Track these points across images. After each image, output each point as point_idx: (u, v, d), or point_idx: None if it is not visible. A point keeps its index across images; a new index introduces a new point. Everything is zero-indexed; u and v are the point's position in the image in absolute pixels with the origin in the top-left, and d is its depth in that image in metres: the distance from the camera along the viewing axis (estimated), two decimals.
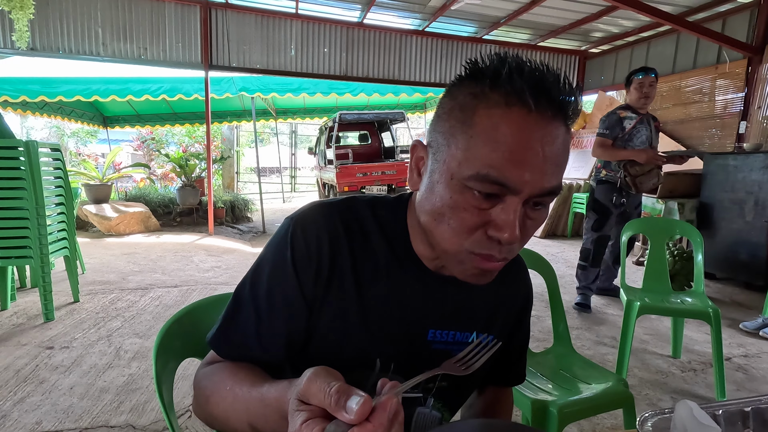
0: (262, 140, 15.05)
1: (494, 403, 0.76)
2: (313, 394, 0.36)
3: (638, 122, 2.87)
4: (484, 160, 0.45)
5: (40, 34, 4.73)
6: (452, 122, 0.48)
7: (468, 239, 0.49)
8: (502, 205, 0.46)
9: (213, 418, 0.53)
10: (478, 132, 0.46)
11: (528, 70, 0.45)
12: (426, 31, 6.06)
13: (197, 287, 3.46)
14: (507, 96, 0.45)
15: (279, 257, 0.56)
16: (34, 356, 2.17)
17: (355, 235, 0.58)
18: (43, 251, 2.53)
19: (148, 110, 8.32)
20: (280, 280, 0.55)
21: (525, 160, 0.45)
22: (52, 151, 2.74)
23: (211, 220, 5.98)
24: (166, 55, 5.20)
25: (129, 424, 1.66)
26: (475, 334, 0.63)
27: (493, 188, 0.46)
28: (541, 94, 0.45)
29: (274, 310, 0.55)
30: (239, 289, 0.58)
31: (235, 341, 0.56)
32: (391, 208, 0.61)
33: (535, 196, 0.47)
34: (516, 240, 0.47)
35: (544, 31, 6.04)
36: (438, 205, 0.49)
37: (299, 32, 5.65)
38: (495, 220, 0.47)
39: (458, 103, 0.48)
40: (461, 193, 0.47)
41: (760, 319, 2.75)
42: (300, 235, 0.56)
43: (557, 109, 0.46)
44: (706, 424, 0.47)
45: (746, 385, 2.08)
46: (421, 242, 0.58)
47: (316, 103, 8.86)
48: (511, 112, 0.45)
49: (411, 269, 0.59)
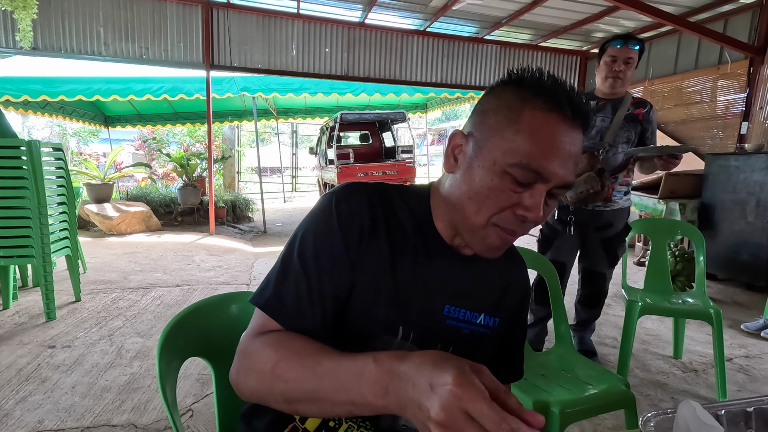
0: (263, 140, 15.05)
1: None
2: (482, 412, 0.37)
3: (598, 109, 2.07)
4: (527, 152, 0.55)
5: (42, 33, 4.73)
6: (500, 117, 0.58)
7: (497, 216, 0.58)
8: (531, 191, 0.56)
9: (275, 383, 0.52)
10: (524, 128, 0.55)
11: (562, 85, 0.57)
12: (427, 31, 6.05)
13: (198, 287, 3.47)
14: (549, 103, 0.56)
15: (324, 224, 0.61)
16: (35, 355, 2.18)
17: (387, 210, 0.64)
18: (45, 250, 2.54)
19: (149, 110, 8.33)
20: (327, 242, 0.60)
21: (558, 157, 0.55)
22: (54, 150, 2.74)
23: (212, 220, 5.98)
24: (167, 54, 5.21)
25: (131, 423, 1.66)
26: (483, 315, 0.69)
27: (530, 176, 0.55)
28: (574, 106, 0.56)
29: (323, 272, 0.59)
30: (286, 256, 0.61)
31: (289, 310, 0.58)
32: (415, 191, 0.69)
33: (558, 186, 0.57)
34: (540, 220, 0.57)
35: (545, 31, 6.03)
36: (476, 185, 0.58)
37: (300, 32, 5.65)
38: (524, 203, 0.57)
39: (504, 102, 0.58)
40: (501, 177, 0.57)
41: (762, 319, 2.75)
42: (344, 202, 0.62)
43: (581, 119, 0.57)
44: (710, 424, 0.47)
45: (748, 386, 2.08)
46: (443, 221, 0.65)
47: (317, 103, 8.86)
48: (552, 116, 0.55)
49: (434, 245, 0.66)
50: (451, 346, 0.67)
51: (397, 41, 6.06)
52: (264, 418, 0.70)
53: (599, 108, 2.04)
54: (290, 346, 0.54)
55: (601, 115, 2.04)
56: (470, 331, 0.68)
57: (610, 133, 2.01)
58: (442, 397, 0.37)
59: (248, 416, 0.73)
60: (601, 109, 2.04)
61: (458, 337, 0.67)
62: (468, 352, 0.68)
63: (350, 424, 0.64)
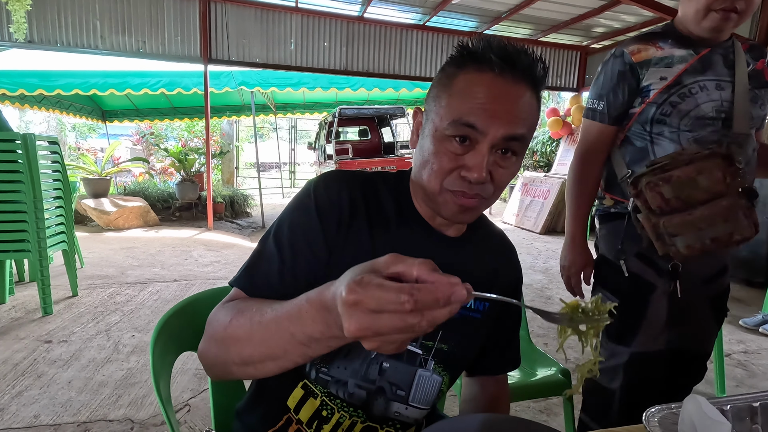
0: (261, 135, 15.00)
1: (495, 398, 0.78)
2: (399, 260, 0.37)
3: (694, 65, 1.07)
4: (459, 110, 0.57)
5: (37, 26, 4.68)
6: (439, 88, 0.61)
7: (446, 179, 0.59)
8: (473, 151, 0.57)
9: (229, 343, 0.50)
10: (456, 91, 0.58)
11: (497, 45, 0.57)
12: (427, 26, 6.01)
13: (196, 282, 3.45)
14: (480, 64, 0.57)
15: (302, 209, 0.62)
16: (32, 350, 2.17)
17: (369, 196, 0.66)
18: (41, 245, 2.52)
19: (147, 104, 8.27)
20: (304, 226, 0.61)
21: (491, 109, 0.56)
22: (49, 144, 2.72)
23: (211, 215, 5.96)
24: (164, 48, 5.16)
25: (128, 417, 1.65)
26: (472, 301, 0.68)
27: (464, 130, 0.56)
28: (506, 62, 0.56)
29: (297, 254, 0.60)
30: (262, 239, 0.63)
31: (258, 282, 0.59)
32: (396, 176, 0.71)
33: (500, 140, 0.56)
34: (482, 179, 0.57)
35: (545, 26, 6.00)
36: (426, 155, 0.61)
37: (299, 26, 5.60)
38: (467, 163, 0.57)
39: (445, 73, 0.61)
40: (442, 141, 0.58)
41: (760, 315, 2.75)
42: (322, 188, 0.63)
43: (521, 74, 0.57)
44: (716, 420, 0.46)
45: (746, 381, 2.08)
46: (422, 201, 0.66)
47: (315, 97, 8.81)
48: (483, 75, 0.57)
49: (415, 226, 0.67)
50: (440, 330, 0.65)
51: (396, 36, 6.02)
52: (257, 412, 0.69)
53: (703, 63, 1.05)
54: (243, 307, 0.53)
55: (711, 77, 1.05)
56: (460, 316, 0.67)
57: (741, 111, 1.05)
58: (342, 311, 0.35)
59: (242, 412, 0.73)
60: (704, 64, 1.06)
61: (446, 320, 0.65)
62: (458, 336, 0.67)
63: (342, 413, 0.64)
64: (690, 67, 1.06)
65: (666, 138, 1.08)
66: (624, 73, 1.11)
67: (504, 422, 0.52)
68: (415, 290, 0.33)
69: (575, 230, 1.25)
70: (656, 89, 1.07)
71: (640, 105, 1.10)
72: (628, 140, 1.16)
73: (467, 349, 0.70)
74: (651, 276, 1.11)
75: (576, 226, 1.24)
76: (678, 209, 0.96)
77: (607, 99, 1.14)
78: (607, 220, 1.21)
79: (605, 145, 1.17)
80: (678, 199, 0.96)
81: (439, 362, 0.66)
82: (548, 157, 8.22)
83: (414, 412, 0.66)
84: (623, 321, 1.11)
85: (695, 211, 0.95)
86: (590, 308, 0.41)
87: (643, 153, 1.12)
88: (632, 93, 1.12)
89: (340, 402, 0.64)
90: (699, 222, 0.95)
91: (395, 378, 0.64)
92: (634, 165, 1.13)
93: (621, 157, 1.16)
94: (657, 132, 1.09)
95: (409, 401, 0.65)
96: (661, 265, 1.09)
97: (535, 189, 6.72)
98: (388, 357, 0.64)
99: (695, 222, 0.95)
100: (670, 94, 1.06)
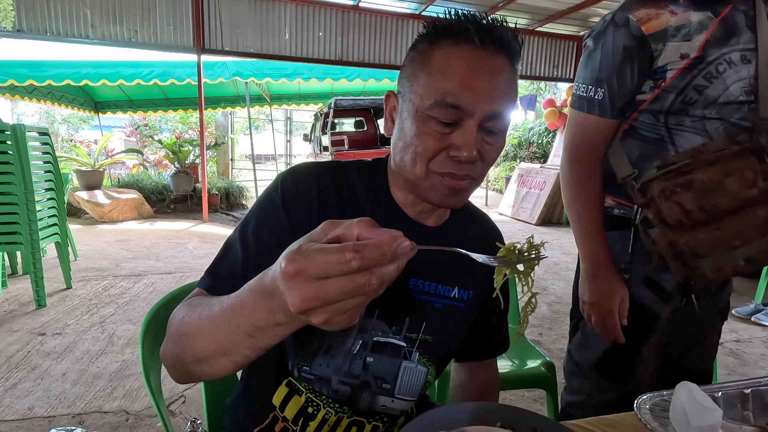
0: (256, 127, 14.88)
1: (484, 383, 0.78)
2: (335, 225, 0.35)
3: (716, 33, 0.80)
4: (441, 89, 0.53)
5: (26, 14, 4.59)
6: (414, 66, 0.57)
7: (433, 161, 0.56)
8: (460, 130, 0.54)
9: (182, 340, 0.48)
10: (435, 68, 0.54)
11: (472, 16, 0.55)
12: (422, 15, 5.95)
13: (192, 274, 3.44)
14: (454, 36, 0.54)
15: (269, 202, 0.60)
16: (26, 342, 2.15)
17: (342, 188, 0.62)
18: (34, 237, 2.50)
19: (140, 95, 8.18)
20: (271, 221, 0.58)
21: (475, 86, 0.53)
22: (40, 135, 2.68)
23: (206, 207, 5.92)
24: (157, 38, 5.08)
25: (122, 409, 1.65)
26: (457, 289, 0.67)
27: (450, 112, 0.53)
28: (484, 33, 0.53)
29: (263, 248, 0.57)
30: (230, 236, 0.60)
31: (221, 279, 0.57)
32: (371, 165, 0.67)
33: (487, 117, 0.54)
34: (473, 158, 0.54)
35: (542, 15, 5.96)
36: (407, 138, 0.57)
37: (293, 15, 5.53)
38: (455, 143, 0.54)
39: (418, 51, 0.57)
40: (425, 123, 0.55)
41: (753, 305, 2.78)
42: (290, 181, 0.61)
43: (499, 45, 0.54)
44: (707, 406, 0.46)
45: (738, 369, 2.10)
46: (400, 189, 0.64)
47: (311, 88, 8.74)
48: (461, 48, 0.54)
49: (392, 216, 0.64)
50: (424, 321, 0.65)
51: (392, 25, 5.96)
52: (244, 410, 0.69)
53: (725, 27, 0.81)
54: (197, 302, 0.50)
55: (735, 46, 0.81)
56: (443, 305, 0.66)
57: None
58: (284, 286, 0.33)
59: (231, 408, 0.72)
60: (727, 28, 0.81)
61: (429, 311, 0.65)
62: (442, 326, 0.66)
63: (328, 410, 0.63)
64: (711, 35, 0.80)
65: (688, 129, 0.83)
66: (631, 49, 0.83)
67: (495, 410, 0.52)
68: (360, 246, 0.31)
69: (595, 249, 0.90)
70: (675, 70, 0.81)
71: (651, 91, 0.85)
72: (633, 132, 0.89)
73: (452, 339, 0.69)
74: (656, 305, 0.89)
75: (593, 244, 0.90)
76: (702, 222, 0.75)
77: (609, 84, 0.85)
78: (607, 225, 0.92)
79: (604, 144, 0.90)
80: (702, 210, 0.75)
81: (423, 353, 0.65)
82: (544, 148, 8.22)
83: (400, 404, 0.66)
84: (615, 357, 0.93)
85: (723, 224, 0.74)
86: (525, 248, 0.44)
87: (658, 148, 0.86)
88: (643, 76, 0.84)
89: (325, 398, 0.63)
90: (730, 239, 0.75)
91: (380, 371, 0.63)
92: (645, 163, 0.86)
93: (623, 153, 0.89)
94: (675, 123, 0.84)
95: (395, 394, 0.64)
96: (665, 286, 0.88)
97: (531, 180, 6.72)
98: (371, 351, 0.62)
99: (726, 239, 0.75)
100: (693, 76, 0.80)
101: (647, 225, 0.81)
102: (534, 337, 2.44)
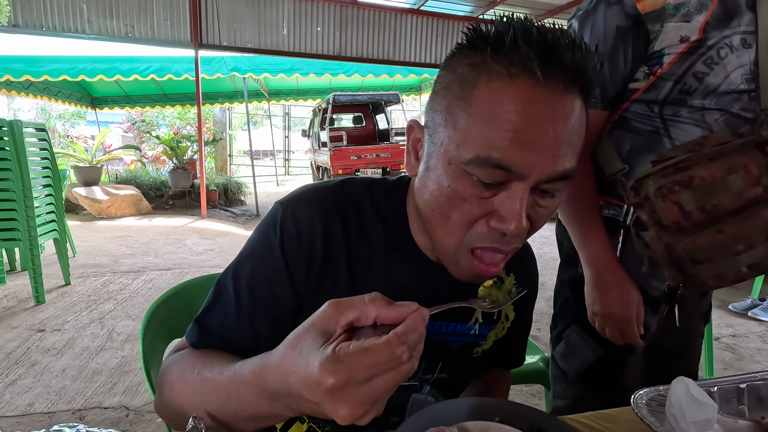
0: (255, 122, 14.84)
1: (492, 383, 0.75)
2: (346, 307, 0.32)
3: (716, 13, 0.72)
4: (485, 141, 0.40)
5: (22, 9, 4.56)
6: (450, 99, 0.43)
7: (468, 233, 0.44)
8: (507, 192, 0.41)
9: (177, 408, 0.46)
10: (478, 109, 0.41)
11: (537, 34, 0.39)
12: (421, 10, 5.93)
13: (190, 270, 3.44)
14: (511, 66, 0.40)
15: (266, 244, 0.51)
16: (25, 339, 2.16)
17: (351, 221, 0.53)
18: (32, 233, 2.49)
19: (137, 91, 8.14)
20: (267, 269, 0.50)
21: (532, 141, 0.39)
22: (37, 131, 2.67)
23: (204, 203, 5.92)
24: (154, 33, 5.05)
25: (123, 405, 1.66)
26: (477, 325, 0.60)
27: (496, 174, 0.40)
28: (551, 63, 0.39)
29: (257, 301, 0.50)
30: (222, 277, 0.53)
31: (211, 332, 0.50)
32: (390, 191, 0.56)
33: (545, 181, 0.41)
34: (523, 232, 0.42)
35: (542, 10, 5.93)
36: (435, 194, 0.45)
37: (292, 10, 5.50)
38: (498, 210, 0.42)
39: (457, 76, 0.43)
40: (460, 180, 0.42)
41: (749, 300, 2.79)
42: (290, 221, 0.51)
43: (571, 79, 0.40)
44: (703, 401, 0.46)
45: (734, 364, 2.12)
46: (420, 231, 0.54)
47: (309, 84, 8.71)
48: (516, 85, 0.39)
49: (409, 260, 0.54)
50: (440, 362, 0.59)
51: (390, 20, 5.93)
52: None
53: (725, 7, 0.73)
54: (187, 367, 0.46)
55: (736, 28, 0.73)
56: (462, 344, 0.60)
57: None
58: (325, 399, 0.30)
59: None
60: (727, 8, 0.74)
61: (446, 351, 0.59)
62: (458, 364, 0.61)
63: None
64: (711, 16, 0.72)
65: (686, 120, 0.76)
66: (625, 30, 0.74)
67: (494, 406, 0.52)
68: (403, 337, 0.30)
69: (599, 252, 0.80)
70: (672, 55, 0.73)
71: (646, 78, 0.77)
72: (624, 123, 0.81)
73: (468, 374, 0.65)
74: (646, 315, 0.81)
75: (596, 247, 0.80)
76: (701, 224, 0.68)
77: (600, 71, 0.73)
78: None
79: (594, 137, 0.82)
80: (702, 211, 0.67)
81: (435, 386, 0.61)
82: None
83: None
84: (602, 367, 0.86)
85: (725, 226, 0.67)
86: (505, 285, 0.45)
87: (653, 141, 0.78)
88: (637, 61, 0.76)
89: (329, 429, 0.59)
90: (733, 243, 0.67)
91: (388, 405, 0.61)
92: (638, 157, 0.78)
93: (612, 147, 0.81)
94: (672, 113, 0.76)
95: None
96: (654, 294, 0.81)
97: None
98: None
99: (728, 243, 0.68)
100: (693, 62, 0.73)
101: (640, 227, 0.73)
102: (532, 333, 2.45)
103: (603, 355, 0.85)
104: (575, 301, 0.87)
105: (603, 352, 0.85)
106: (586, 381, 0.89)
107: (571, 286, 0.89)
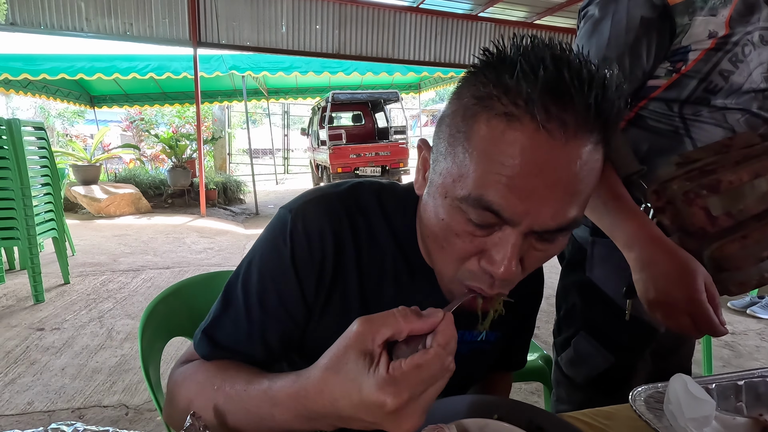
0: (254, 121, 14.83)
1: (493, 385, 0.76)
2: (380, 325, 0.33)
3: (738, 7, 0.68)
4: (479, 181, 0.38)
5: (19, 7, 4.54)
6: (452, 130, 0.41)
7: (460, 268, 0.43)
8: (500, 235, 0.39)
9: None
10: (476, 146, 0.38)
11: (545, 71, 0.35)
12: (420, 8, 5.92)
13: (190, 268, 3.44)
14: (512, 106, 0.36)
15: (275, 255, 0.50)
16: (24, 338, 2.16)
17: (361, 233, 0.52)
18: (31, 232, 2.49)
19: (136, 89, 8.12)
20: (277, 281, 0.49)
21: (526, 189, 0.36)
22: (35, 129, 2.67)
23: (203, 202, 5.91)
24: (152, 31, 5.04)
25: (122, 403, 1.66)
26: (484, 333, 0.61)
27: (487, 216, 0.38)
28: (558, 106, 0.35)
29: (268, 314, 0.49)
30: (229, 287, 0.52)
31: (222, 344, 0.50)
32: (401, 201, 0.54)
33: (539, 231, 0.39)
34: (512, 276, 0.40)
35: (541, 8, 5.92)
36: (432, 223, 0.44)
37: (290, 8, 5.48)
38: (489, 252, 0.40)
39: (462, 105, 0.40)
40: (454, 216, 0.41)
41: (748, 297, 2.80)
42: (301, 232, 0.49)
43: (582, 122, 0.36)
44: (701, 398, 0.46)
45: (732, 361, 2.12)
46: (425, 249, 0.53)
47: (308, 82, 8.69)
48: (514, 128, 0.36)
49: (420, 277, 0.53)
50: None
51: (389, 18, 5.92)
52: None
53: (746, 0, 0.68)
54: (201, 379, 0.46)
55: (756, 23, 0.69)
56: (469, 351, 0.60)
57: None
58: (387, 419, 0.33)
59: None
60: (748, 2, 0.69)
61: (457, 360, 0.60)
62: (465, 370, 0.61)
63: None
64: (734, 10, 0.67)
65: (707, 120, 0.72)
66: (650, 22, 0.68)
67: (492, 403, 0.53)
68: (447, 345, 0.32)
69: (639, 224, 0.65)
70: (699, 51, 0.68)
71: (668, 75, 0.71)
72: (640, 121, 0.76)
73: (472, 378, 0.66)
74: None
75: (635, 221, 0.66)
76: (727, 230, 0.64)
77: (620, 64, 0.69)
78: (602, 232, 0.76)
79: None
80: (729, 216, 0.63)
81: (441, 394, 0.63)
82: None
83: None
84: (613, 374, 0.83)
85: (750, 231, 0.63)
86: None
87: (673, 141, 0.74)
88: (660, 56, 0.70)
89: None
90: (759, 248, 0.63)
91: None
92: (656, 158, 0.74)
93: (627, 146, 0.76)
94: (692, 113, 0.72)
95: None
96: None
97: None
98: None
99: (755, 249, 0.63)
100: (719, 60, 0.68)
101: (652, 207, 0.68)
102: None
103: (614, 364, 0.82)
104: (584, 307, 0.83)
105: (614, 359, 0.81)
106: (595, 388, 0.86)
107: (579, 292, 0.85)
